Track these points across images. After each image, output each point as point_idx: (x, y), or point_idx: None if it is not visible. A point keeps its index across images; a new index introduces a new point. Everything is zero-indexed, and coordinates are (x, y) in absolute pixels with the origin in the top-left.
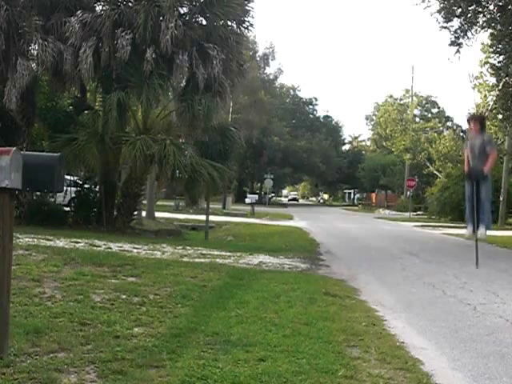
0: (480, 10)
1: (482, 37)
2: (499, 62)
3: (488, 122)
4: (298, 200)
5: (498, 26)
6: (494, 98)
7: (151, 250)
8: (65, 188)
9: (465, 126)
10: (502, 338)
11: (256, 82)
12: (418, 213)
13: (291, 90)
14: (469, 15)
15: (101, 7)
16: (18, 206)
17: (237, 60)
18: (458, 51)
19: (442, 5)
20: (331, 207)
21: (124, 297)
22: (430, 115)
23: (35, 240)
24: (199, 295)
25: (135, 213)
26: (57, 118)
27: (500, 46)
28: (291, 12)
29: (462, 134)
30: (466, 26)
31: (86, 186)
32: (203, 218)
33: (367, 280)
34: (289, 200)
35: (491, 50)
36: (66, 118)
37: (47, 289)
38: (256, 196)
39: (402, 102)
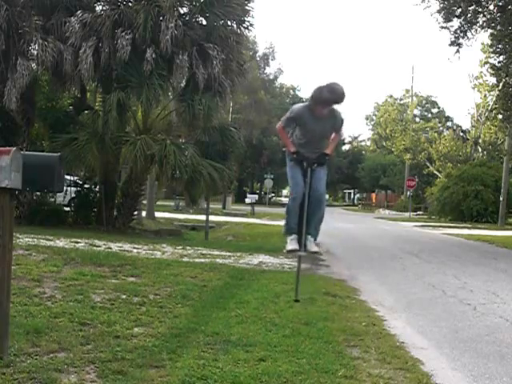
0: (480, 10)
1: (482, 37)
2: (499, 62)
3: (488, 122)
4: None
5: (498, 26)
6: (494, 98)
7: (151, 250)
8: (65, 188)
9: (465, 125)
10: (501, 338)
11: (256, 82)
12: (418, 213)
13: (291, 90)
14: (469, 15)
15: (101, 7)
16: (18, 206)
17: (237, 60)
18: (457, 51)
19: (441, 5)
20: (331, 207)
21: (124, 297)
22: (430, 115)
23: (35, 240)
24: (199, 295)
25: (135, 213)
26: (57, 118)
27: (500, 46)
28: (291, 12)
29: (461, 133)
30: (465, 26)
31: (86, 186)
32: (203, 218)
33: (367, 280)
34: None
35: (491, 50)
36: (66, 117)
37: (47, 289)
38: (256, 196)
39: (402, 102)
